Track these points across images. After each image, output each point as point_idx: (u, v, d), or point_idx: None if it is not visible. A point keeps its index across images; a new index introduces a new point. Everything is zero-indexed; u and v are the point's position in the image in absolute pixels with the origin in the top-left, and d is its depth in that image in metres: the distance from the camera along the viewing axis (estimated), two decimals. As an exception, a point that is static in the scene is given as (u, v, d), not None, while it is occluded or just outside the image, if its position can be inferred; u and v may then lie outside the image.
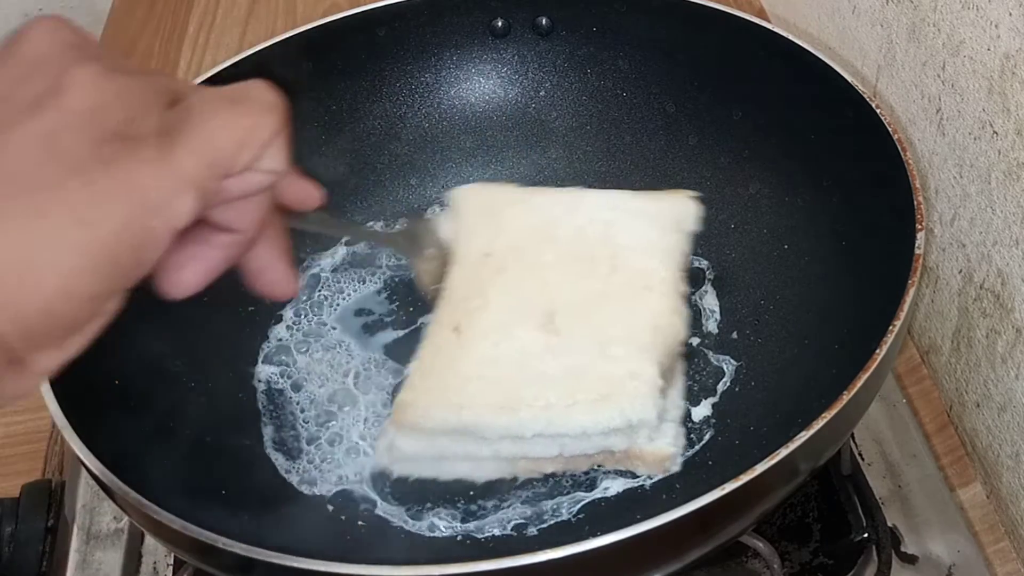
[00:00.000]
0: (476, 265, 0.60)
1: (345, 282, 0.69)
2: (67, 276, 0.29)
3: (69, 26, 0.32)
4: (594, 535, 0.41)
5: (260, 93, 0.34)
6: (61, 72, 0.30)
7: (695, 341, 0.63)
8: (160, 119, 0.31)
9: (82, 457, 0.46)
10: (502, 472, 0.56)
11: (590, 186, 0.67)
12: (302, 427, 0.61)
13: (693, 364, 0.62)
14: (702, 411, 0.60)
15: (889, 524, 0.60)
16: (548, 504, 0.56)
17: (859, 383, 0.46)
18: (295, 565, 0.41)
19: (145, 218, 0.30)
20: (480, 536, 0.55)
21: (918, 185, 0.54)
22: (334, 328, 0.66)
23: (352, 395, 0.62)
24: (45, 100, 0.30)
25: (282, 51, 0.69)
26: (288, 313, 0.67)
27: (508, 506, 0.56)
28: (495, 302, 0.57)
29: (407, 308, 0.66)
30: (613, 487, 0.56)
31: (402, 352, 0.63)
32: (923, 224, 0.52)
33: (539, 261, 0.59)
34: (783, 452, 0.43)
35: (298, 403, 0.62)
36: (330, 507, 0.57)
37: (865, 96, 0.59)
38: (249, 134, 0.33)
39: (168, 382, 0.58)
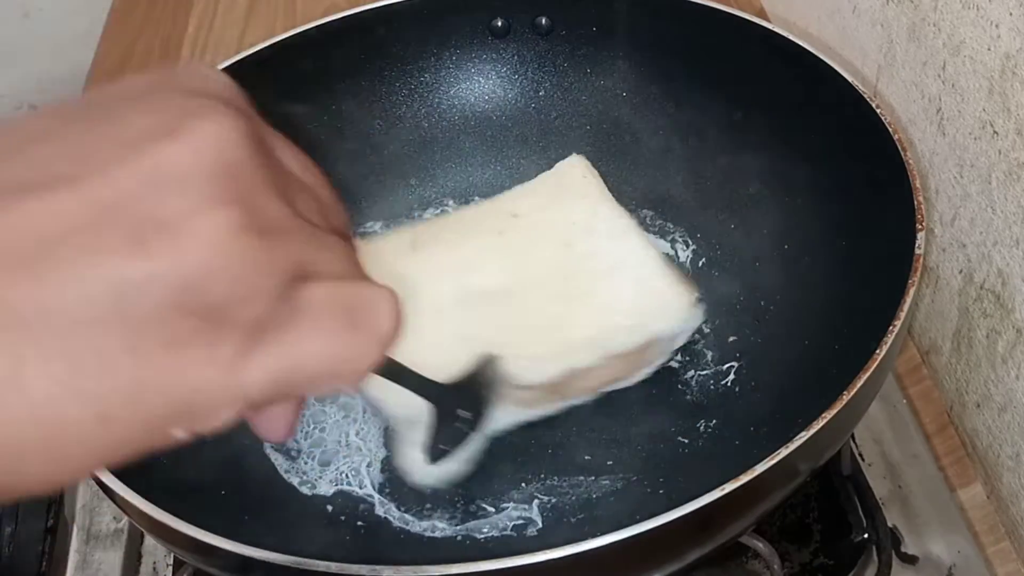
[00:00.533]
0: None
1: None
2: (53, 464, 0.24)
3: (248, 135, 0.24)
4: (594, 535, 0.41)
5: (382, 320, 0.27)
6: (193, 211, 0.23)
7: (695, 341, 0.63)
8: (268, 308, 0.24)
9: (82, 457, 0.46)
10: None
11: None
12: (302, 427, 0.61)
13: (693, 364, 0.62)
14: (702, 411, 0.60)
15: (889, 524, 0.60)
16: (548, 504, 0.56)
17: (859, 383, 0.46)
18: (295, 565, 0.41)
19: (174, 424, 0.25)
20: (480, 536, 0.55)
21: (918, 185, 0.54)
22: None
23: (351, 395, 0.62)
24: (151, 237, 0.22)
25: (282, 51, 0.69)
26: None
27: (508, 506, 0.56)
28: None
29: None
30: (613, 487, 0.56)
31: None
32: (923, 224, 0.52)
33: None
34: (783, 452, 0.43)
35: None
36: (330, 507, 0.57)
37: (865, 96, 0.59)
38: (344, 368, 0.26)
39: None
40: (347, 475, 0.58)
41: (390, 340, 0.27)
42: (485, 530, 0.55)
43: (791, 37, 0.64)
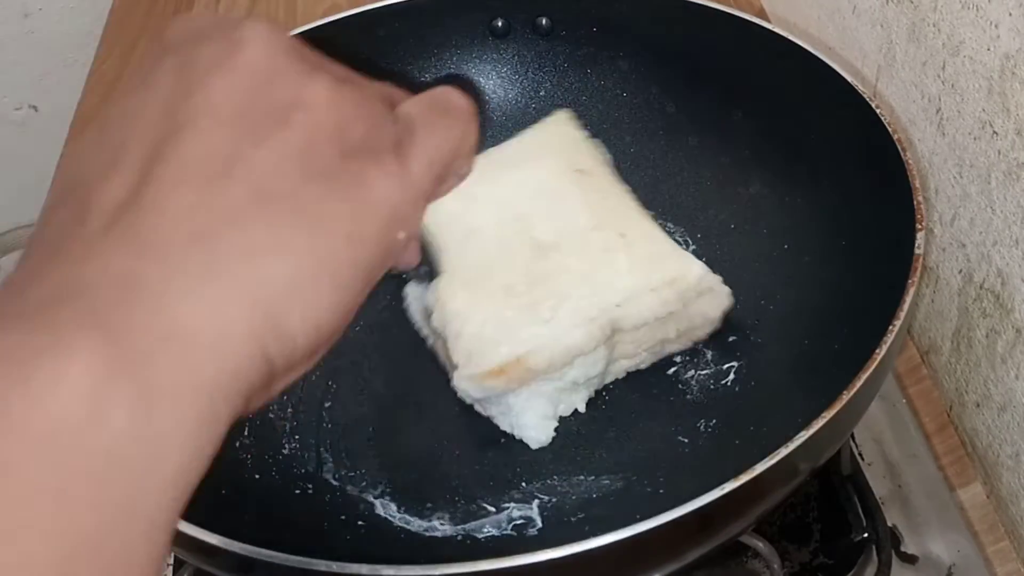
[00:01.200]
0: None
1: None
2: (340, 292, 0.28)
3: (285, 33, 0.30)
4: (594, 535, 0.41)
5: (460, 101, 0.34)
6: (299, 85, 0.29)
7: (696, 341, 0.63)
8: (392, 130, 0.31)
9: (82, 457, 0.46)
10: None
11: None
12: (301, 425, 0.61)
13: (693, 364, 0.62)
14: (702, 411, 0.60)
15: (889, 524, 0.60)
16: (548, 504, 0.56)
17: (859, 383, 0.46)
18: (295, 565, 0.41)
19: (395, 230, 0.30)
20: (480, 536, 0.55)
21: (918, 185, 0.54)
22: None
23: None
24: (291, 115, 0.28)
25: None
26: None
27: (508, 506, 0.56)
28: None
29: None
30: (613, 487, 0.56)
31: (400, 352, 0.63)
32: (923, 224, 0.52)
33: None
34: (783, 452, 0.43)
35: (298, 402, 0.62)
36: (330, 507, 0.57)
37: (865, 96, 0.59)
38: (462, 143, 0.33)
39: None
40: (347, 475, 0.58)
41: (474, 113, 0.34)
42: (485, 530, 0.55)
43: (791, 37, 0.64)
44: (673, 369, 0.61)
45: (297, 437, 0.60)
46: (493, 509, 0.56)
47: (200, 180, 0.26)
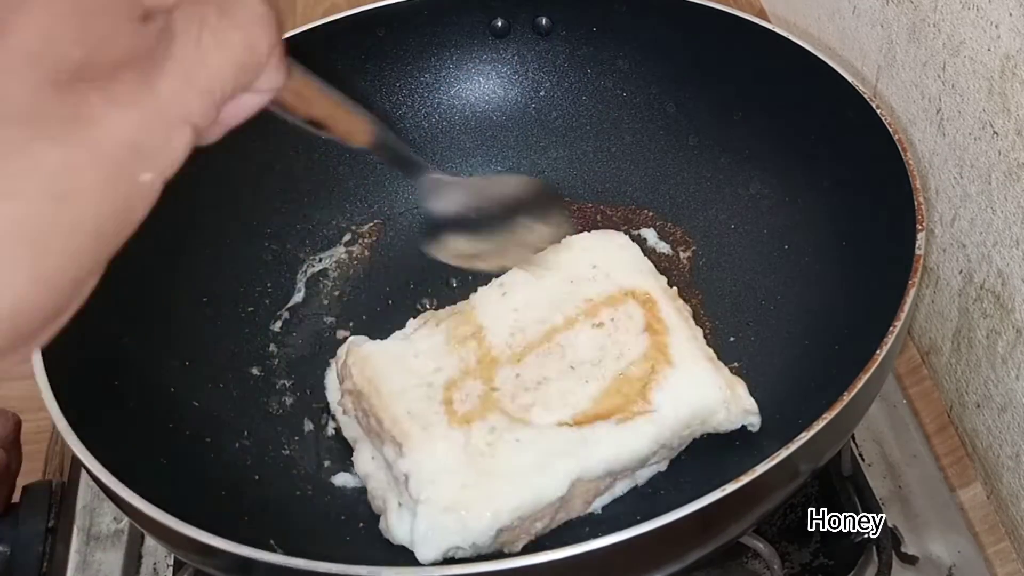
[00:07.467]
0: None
1: (343, 280, 0.69)
2: (44, 264, 0.23)
3: None
4: (594, 536, 0.41)
5: (249, 1, 0.28)
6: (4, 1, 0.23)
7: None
8: (133, 42, 0.25)
9: (82, 458, 0.46)
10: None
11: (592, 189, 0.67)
12: (300, 426, 0.61)
13: (693, 364, 0.62)
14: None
15: (889, 525, 0.60)
16: (548, 504, 0.56)
17: (859, 383, 0.46)
18: (295, 565, 0.41)
19: (133, 173, 0.25)
20: (480, 537, 0.55)
21: (918, 185, 0.54)
22: (333, 328, 0.66)
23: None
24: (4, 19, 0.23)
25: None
26: (286, 314, 0.67)
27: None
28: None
29: (407, 307, 0.67)
30: (614, 488, 0.56)
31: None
32: (923, 224, 0.52)
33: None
34: (783, 452, 0.43)
35: (298, 403, 0.62)
36: (330, 507, 0.57)
37: (865, 96, 0.59)
38: (245, 52, 0.27)
39: (168, 383, 0.58)
40: (347, 475, 0.58)
41: (270, 14, 0.28)
42: (485, 530, 0.55)
43: (791, 37, 0.64)
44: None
45: (297, 439, 0.60)
46: (493, 510, 0.56)
47: None
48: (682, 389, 0.54)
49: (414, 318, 0.60)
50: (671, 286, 0.61)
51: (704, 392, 0.54)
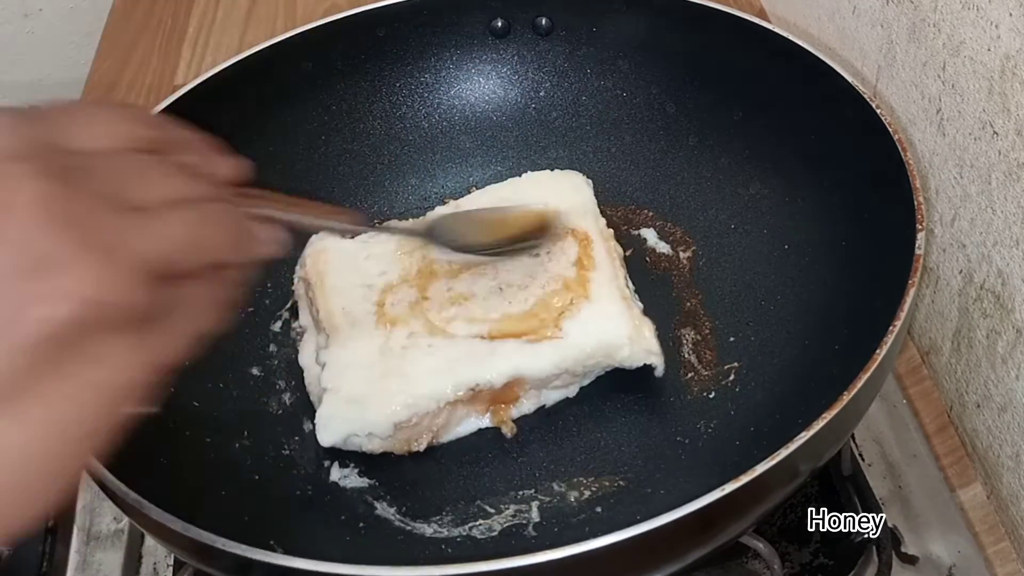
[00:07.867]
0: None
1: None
2: (43, 483, 0.28)
3: (62, 188, 0.28)
4: (594, 535, 0.41)
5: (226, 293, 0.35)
6: (57, 273, 0.27)
7: (695, 341, 0.63)
8: (148, 308, 0.30)
9: (82, 458, 0.46)
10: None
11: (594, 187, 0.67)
12: (299, 428, 0.61)
13: (693, 364, 0.62)
14: (702, 411, 0.60)
15: (889, 525, 0.60)
16: (548, 504, 0.56)
17: (859, 383, 0.46)
18: (295, 565, 0.41)
19: (122, 407, 0.29)
20: (480, 536, 0.55)
21: (918, 185, 0.54)
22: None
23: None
24: (29, 311, 0.27)
25: (282, 51, 0.69)
26: (286, 314, 0.67)
27: (508, 506, 0.56)
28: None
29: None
30: (613, 487, 0.56)
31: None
32: (923, 224, 0.52)
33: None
34: (783, 452, 0.43)
35: (298, 403, 0.62)
36: (330, 507, 0.57)
37: (865, 96, 0.59)
38: (214, 325, 0.33)
39: (167, 383, 0.58)
40: (347, 475, 0.58)
41: (225, 299, 0.34)
42: (485, 531, 0.55)
43: (791, 37, 0.64)
44: (673, 370, 0.61)
45: (297, 439, 0.60)
46: (493, 510, 0.56)
47: None
48: (592, 322, 0.59)
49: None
50: (671, 286, 0.61)
51: (611, 327, 0.58)
